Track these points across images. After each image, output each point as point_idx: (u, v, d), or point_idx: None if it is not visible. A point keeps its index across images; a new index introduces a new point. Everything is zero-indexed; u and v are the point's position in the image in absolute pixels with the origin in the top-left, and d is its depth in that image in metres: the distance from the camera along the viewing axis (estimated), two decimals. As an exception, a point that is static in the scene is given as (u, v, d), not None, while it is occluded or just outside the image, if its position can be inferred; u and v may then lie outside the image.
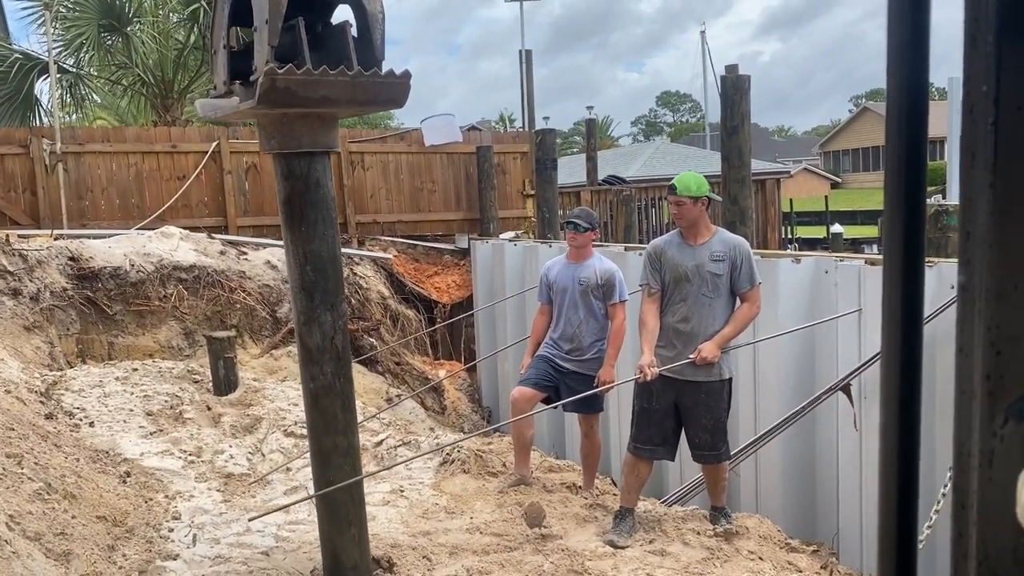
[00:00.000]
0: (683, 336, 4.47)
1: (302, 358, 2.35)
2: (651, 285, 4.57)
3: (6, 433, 4.29)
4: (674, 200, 4.50)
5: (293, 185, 2.14)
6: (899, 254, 0.80)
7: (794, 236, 25.77)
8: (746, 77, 7.70)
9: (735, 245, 4.53)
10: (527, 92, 16.76)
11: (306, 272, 2.23)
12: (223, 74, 2.10)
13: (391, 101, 2.09)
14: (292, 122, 2.03)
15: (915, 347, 0.83)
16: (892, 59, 0.77)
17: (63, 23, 12.37)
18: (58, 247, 8.13)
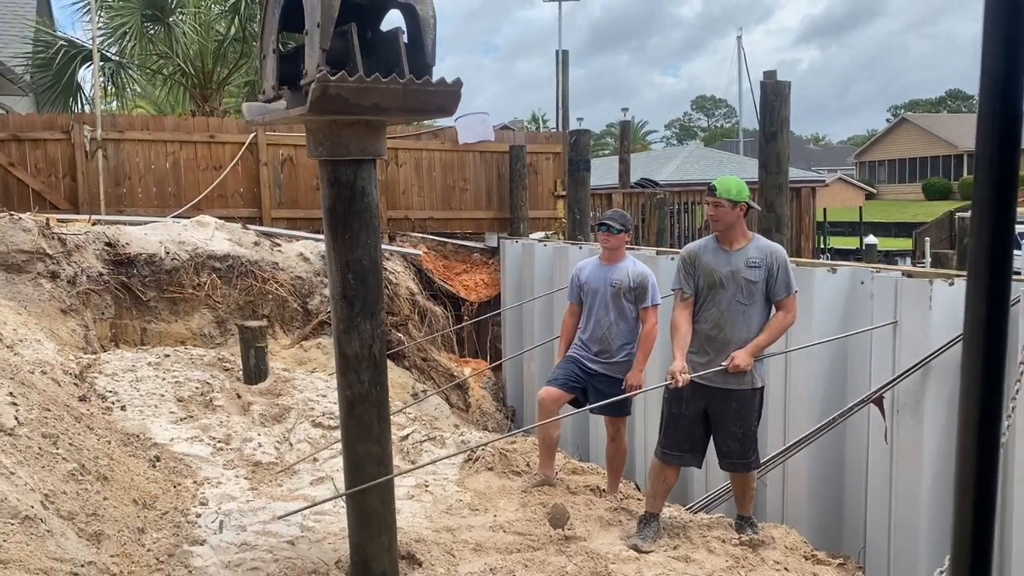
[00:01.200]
0: (716, 343, 4.42)
1: (339, 365, 2.35)
2: (684, 290, 4.51)
3: (42, 413, 4.36)
4: (712, 201, 4.42)
5: (339, 193, 2.13)
6: (984, 267, 0.77)
7: (827, 246, 25.50)
8: (786, 83, 7.62)
9: (772, 252, 4.45)
10: (562, 92, 16.73)
11: (348, 280, 2.22)
12: (272, 79, 2.10)
13: (441, 109, 2.08)
14: (341, 129, 2.02)
15: (998, 365, 0.80)
16: (987, 62, 0.74)
17: (108, 12, 12.57)
18: (96, 232, 8.26)
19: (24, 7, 17.91)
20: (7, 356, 5.40)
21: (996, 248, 0.75)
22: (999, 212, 0.74)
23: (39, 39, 13.44)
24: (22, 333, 6.02)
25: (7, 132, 10.11)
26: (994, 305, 0.76)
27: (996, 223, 0.75)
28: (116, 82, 13.53)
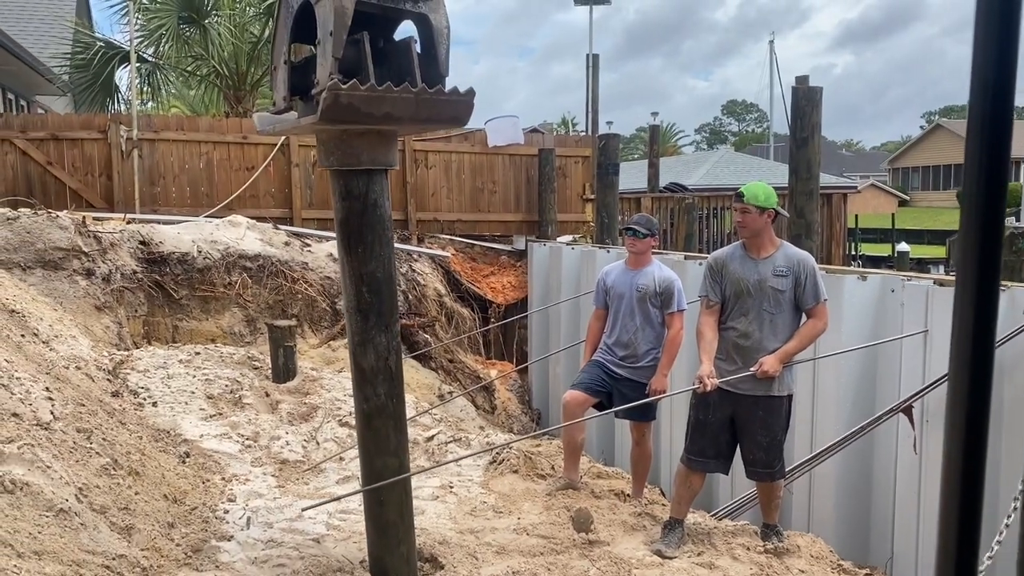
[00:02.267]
0: (743, 351, 4.39)
1: (355, 379, 2.34)
2: (710, 298, 4.48)
3: (77, 408, 4.45)
4: (740, 207, 4.39)
5: (351, 206, 2.12)
6: (973, 275, 0.78)
7: (858, 253, 25.21)
8: (818, 89, 7.57)
9: (800, 260, 4.41)
10: (592, 96, 16.72)
11: (362, 294, 2.21)
12: (283, 89, 2.10)
13: (454, 120, 2.06)
14: (352, 139, 2.01)
15: (985, 372, 0.81)
16: (976, 76, 0.75)
17: (145, 14, 12.78)
18: (130, 231, 8.40)
19: (63, 9, 18.27)
20: (43, 351, 5.52)
21: (984, 258, 0.76)
22: (985, 230, 0.75)
23: (78, 40, 13.70)
24: (58, 329, 6.14)
25: (46, 131, 10.32)
26: (982, 313, 0.77)
27: (983, 240, 0.76)
28: (152, 83, 13.75)
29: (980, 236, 0.77)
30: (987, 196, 0.77)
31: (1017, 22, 0.73)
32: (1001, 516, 4.22)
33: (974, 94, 0.76)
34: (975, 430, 0.80)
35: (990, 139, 0.76)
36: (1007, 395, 4.63)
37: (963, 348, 0.79)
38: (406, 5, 1.91)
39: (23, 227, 7.26)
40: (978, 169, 0.77)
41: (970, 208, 0.78)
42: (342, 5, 1.81)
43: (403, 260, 10.70)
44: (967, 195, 0.78)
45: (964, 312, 0.78)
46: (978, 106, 0.76)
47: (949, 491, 0.82)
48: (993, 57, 0.74)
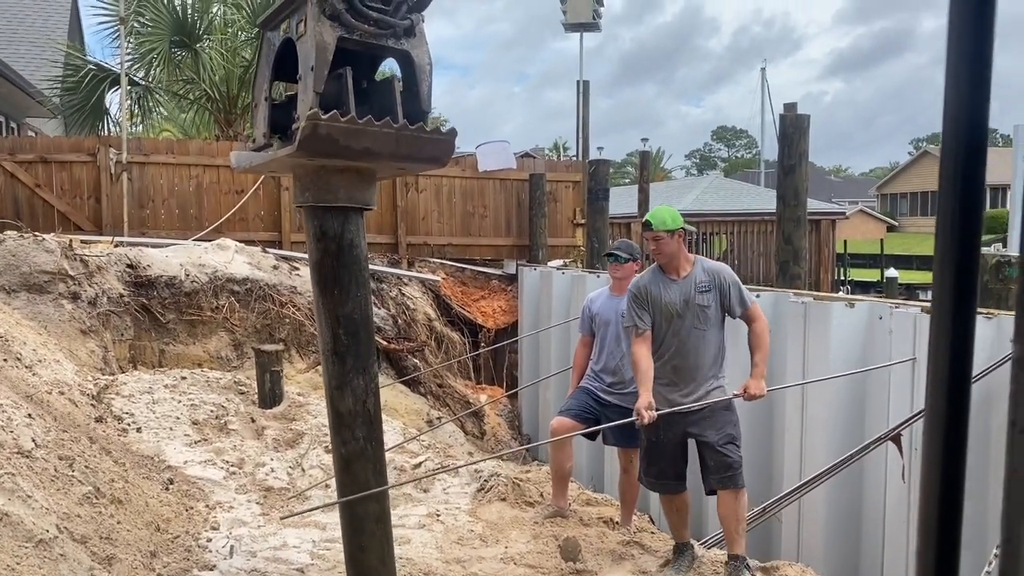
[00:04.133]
0: (682, 371, 4.42)
1: (333, 423, 2.30)
2: (638, 326, 4.46)
3: (60, 435, 4.39)
4: (651, 236, 4.43)
5: (326, 247, 2.08)
6: (949, 302, 0.77)
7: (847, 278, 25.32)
8: (805, 116, 7.62)
9: (717, 272, 4.46)
10: (583, 122, 16.82)
11: (339, 336, 2.17)
12: (263, 126, 2.07)
13: (433, 159, 2.03)
14: (330, 175, 1.98)
15: (961, 403, 0.80)
16: (949, 102, 0.75)
17: (137, 38, 12.80)
18: (118, 254, 8.36)
19: (56, 31, 18.30)
20: (26, 376, 5.46)
21: (960, 284, 0.76)
22: (960, 257, 0.75)
23: (69, 63, 13.70)
24: (41, 353, 6.08)
25: (35, 154, 10.30)
26: (959, 337, 0.76)
27: (958, 267, 0.75)
28: (143, 106, 13.75)
29: (955, 261, 0.76)
30: (962, 223, 0.76)
31: (989, 47, 0.73)
32: (988, 552, 4.20)
33: (947, 121, 0.76)
34: (952, 466, 0.79)
35: (964, 164, 0.76)
36: (994, 424, 4.63)
37: (939, 379, 0.78)
38: (388, 42, 1.91)
39: (8, 250, 7.22)
40: (952, 196, 0.76)
41: (945, 235, 0.77)
42: (324, 40, 1.80)
43: (393, 284, 10.68)
44: (941, 222, 0.78)
45: (939, 341, 0.78)
46: (952, 133, 0.76)
47: (927, 527, 0.81)
48: (966, 83, 0.74)
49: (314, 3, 1.81)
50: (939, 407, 0.78)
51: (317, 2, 1.81)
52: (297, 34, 1.89)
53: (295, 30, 1.91)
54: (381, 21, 1.85)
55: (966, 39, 0.74)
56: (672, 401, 4.41)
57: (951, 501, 0.81)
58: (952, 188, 0.76)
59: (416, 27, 1.94)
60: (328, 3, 1.79)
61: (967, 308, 0.76)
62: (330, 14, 1.80)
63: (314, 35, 1.80)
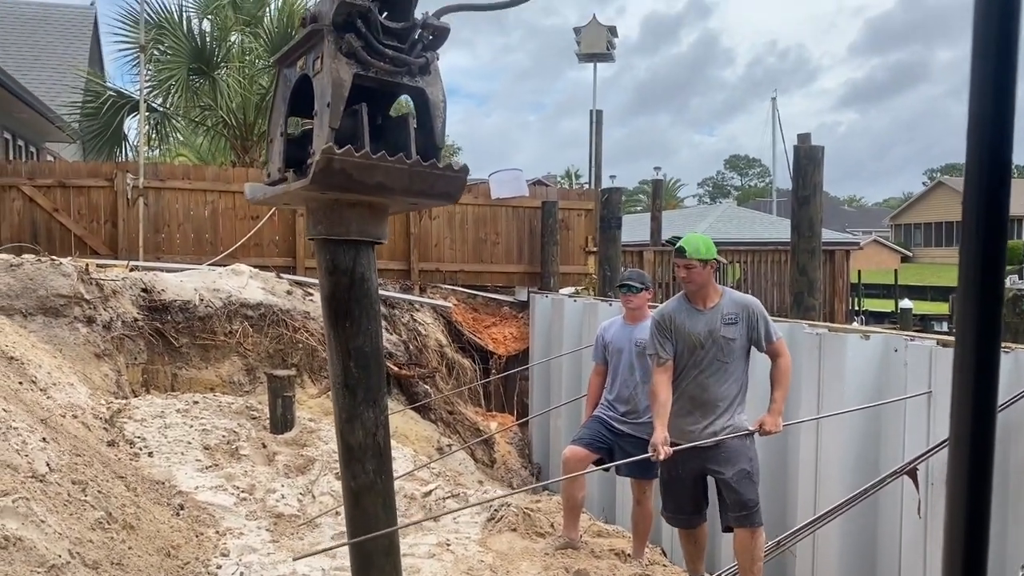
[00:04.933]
0: (701, 403, 4.36)
1: (343, 456, 2.28)
2: (660, 355, 4.41)
3: (73, 459, 4.40)
4: (683, 263, 4.36)
5: (338, 281, 2.10)
6: (973, 335, 0.77)
7: (862, 309, 25.20)
8: (819, 148, 7.63)
9: (746, 305, 4.40)
10: (595, 150, 16.91)
11: (349, 369, 2.17)
12: (278, 161, 2.10)
13: (445, 195, 2.04)
14: (343, 209, 2.00)
15: (987, 437, 0.79)
16: (972, 132, 0.75)
17: (156, 65, 12.99)
18: (133, 278, 8.41)
19: (77, 58, 18.59)
20: (41, 399, 5.48)
21: (984, 317, 0.75)
22: (985, 289, 0.75)
23: (89, 89, 13.90)
24: (56, 376, 6.11)
25: (53, 178, 10.42)
26: (984, 370, 0.75)
27: (983, 300, 0.75)
28: (160, 132, 13.91)
29: (979, 296, 0.76)
30: (985, 256, 0.76)
31: (1013, 79, 0.74)
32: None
33: (971, 152, 0.76)
34: (977, 499, 0.78)
35: (987, 197, 0.76)
36: (1013, 459, 4.57)
37: (963, 413, 0.77)
38: (404, 79, 1.93)
39: (26, 274, 7.28)
40: (976, 228, 0.76)
41: (968, 269, 0.77)
42: (340, 77, 1.82)
43: (405, 310, 10.70)
44: (964, 255, 0.77)
45: (964, 375, 0.77)
46: (975, 165, 0.76)
47: (952, 560, 0.80)
48: (990, 115, 0.74)
49: (331, 41, 1.83)
50: (964, 439, 0.77)
51: (334, 40, 1.83)
52: (314, 71, 1.92)
53: (311, 67, 1.94)
54: (397, 59, 1.88)
55: (989, 70, 0.74)
56: (688, 432, 4.37)
57: (976, 535, 0.80)
58: (976, 221, 0.75)
59: (431, 65, 1.97)
60: (345, 41, 1.82)
61: (992, 341, 0.75)
62: (347, 51, 1.83)
63: (330, 72, 1.83)
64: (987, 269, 0.76)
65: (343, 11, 1.82)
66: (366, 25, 1.84)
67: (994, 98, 0.74)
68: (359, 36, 1.83)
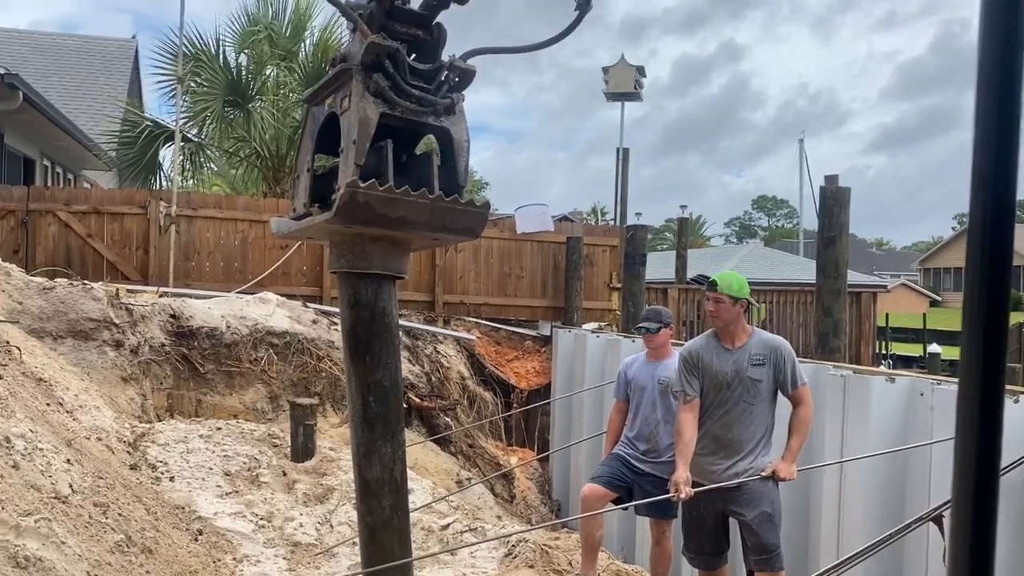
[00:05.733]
0: (724, 444, 4.32)
1: (359, 491, 2.28)
2: (688, 392, 4.38)
3: (95, 481, 4.45)
4: (713, 296, 4.35)
5: (359, 315, 2.12)
6: (976, 386, 0.77)
7: (889, 352, 24.88)
8: (846, 189, 7.62)
9: (776, 347, 4.36)
10: (621, 187, 16.98)
11: (368, 403, 2.18)
12: (304, 196, 2.14)
13: (467, 231, 2.06)
14: (365, 243, 2.03)
15: (990, 494, 0.78)
16: (976, 182, 0.76)
17: (192, 96, 13.28)
18: (161, 304, 8.54)
19: (117, 89, 19.07)
20: (67, 421, 5.56)
21: (988, 367, 0.76)
22: (988, 343, 0.75)
23: (127, 119, 14.24)
24: (82, 399, 6.20)
25: (89, 205, 10.65)
26: (987, 426, 0.75)
27: (986, 352, 0.75)
28: (195, 161, 14.19)
29: (983, 350, 0.76)
30: (989, 311, 0.76)
31: (1017, 124, 0.75)
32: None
33: (974, 200, 0.77)
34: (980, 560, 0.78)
35: (991, 247, 0.76)
36: None
37: (965, 468, 0.77)
38: (429, 119, 1.97)
39: (58, 297, 7.42)
40: (979, 277, 0.77)
41: (972, 313, 0.77)
42: (367, 116, 1.86)
43: (428, 341, 10.73)
44: (967, 310, 0.78)
45: (966, 433, 0.77)
46: (978, 215, 0.77)
47: None
48: (993, 161, 0.76)
49: (359, 80, 1.87)
50: (965, 500, 0.77)
51: (362, 79, 1.87)
52: (341, 109, 1.97)
53: (339, 105, 1.98)
54: (423, 99, 1.92)
55: (993, 116, 0.76)
56: (709, 472, 4.34)
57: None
58: (979, 269, 0.76)
59: (456, 105, 2.01)
60: (372, 81, 1.86)
61: (994, 392, 0.76)
62: (374, 91, 1.87)
63: (357, 110, 1.87)
64: (990, 325, 0.76)
65: (372, 52, 1.86)
66: (394, 66, 1.88)
67: (998, 145, 0.75)
68: (387, 76, 1.87)
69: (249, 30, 13.72)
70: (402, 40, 1.93)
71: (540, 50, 2.14)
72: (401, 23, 1.95)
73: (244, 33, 13.76)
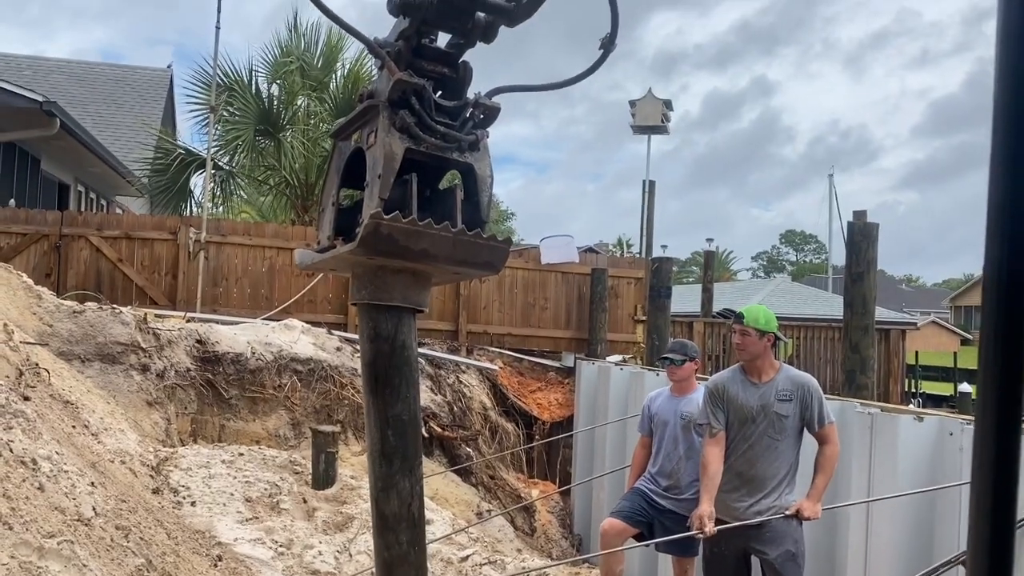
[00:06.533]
0: (748, 480, 4.26)
1: (376, 526, 2.27)
2: (713, 425, 4.34)
3: (118, 504, 4.47)
4: (739, 329, 4.32)
5: (379, 347, 2.12)
6: (992, 429, 0.75)
7: (918, 391, 24.48)
8: (874, 225, 7.56)
9: (803, 384, 4.31)
10: (647, 219, 16.98)
11: (387, 437, 2.18)
12: (328, 229, 2.16)
13: (488, 265, 2.07)
14: (387, 275, 2.04)
15: (1006, 547, 0.76)
16: (992, 217, 0.76)
17: (224, 125, 13.52)
18: (188, 329, 8.63)
19: (151, 117, 19.46)
20: (92, 444, 5.61)
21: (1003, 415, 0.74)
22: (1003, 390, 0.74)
23: (160, 147, 14.51)
24: (108, 422, 6.26)
25: (120, 230, 10.83)
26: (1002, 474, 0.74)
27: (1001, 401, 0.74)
28: (225, 189, 14.41)
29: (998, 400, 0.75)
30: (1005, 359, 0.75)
31: None
32: None
33: (991, 236, 0.76)
34: None
35: (1007, 294, 0.76)
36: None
37: (982, 518, 0.76)
38: (453, 155, 1.99)
39: (87, 320, 7.52)
40: (995, 323, 0.76)
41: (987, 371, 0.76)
42: (392, 151, 1.88)
43: (451, 371, 10.73)
44: (983, 357, 0.76)
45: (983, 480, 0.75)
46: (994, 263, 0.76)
47: None
48: (1011, 197, 0.75)
49: (385, 116, 1.90)
50: (982, 552, 0.75)
51: (388, 115, 1.90)
52: (367, 144, 1.99)
53: (366, 140, 2.01)
54: (448, 135, 1.94)
55: (1010, 152, 0.75)
56: (732, 509, 4.29)
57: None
58: (995, 313, 0.76)
59: (480, 142, 2.03)
60: (399, 116, 1.88)
61: (1012, 431, 0.75)
62: (400, 127, 1.89)
63: (383, 145, 1.89)
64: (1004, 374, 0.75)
65: (399, 88, 1.89)
66: (420, 102, 1.91)
67: (1014, 184, 0.75)
68: (412, 113, 1.90)
69: (281, 61, 13.96)
70: (429, 77, 1.96)
71: (564, 87, 2.16)
72: (428, 61, 1.98)
73: (277, 64, 14.01)
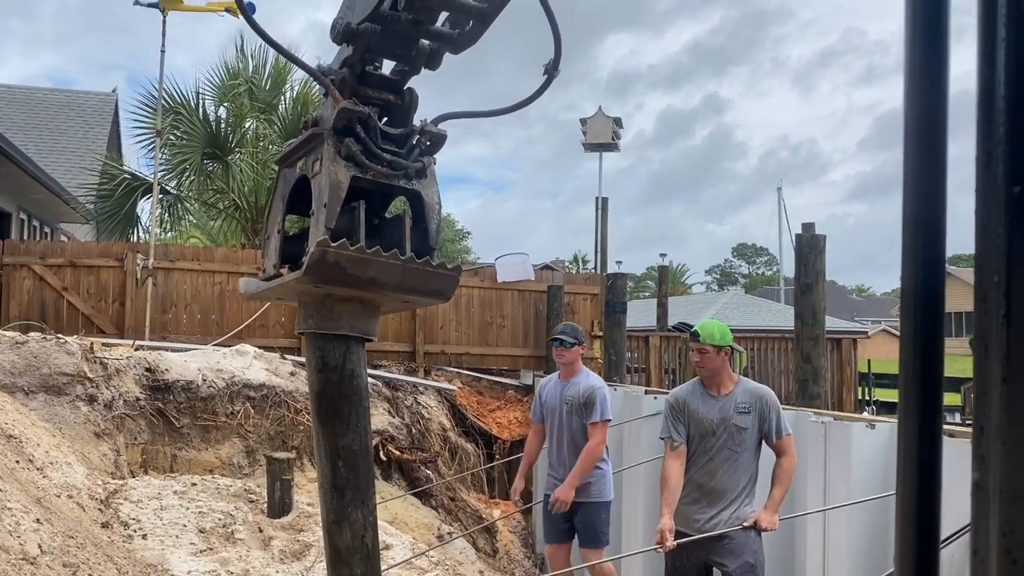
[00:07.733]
0: (708, 492, 4.31)
1: (330, 559, 2.23)
2: (674, 439, 4.38)
3: (65, 541, 4.33)
4: (696, 347, 4.38)
5: (327, 378, 2.09)
6: (915, 458, 0.75)
7: (872, 399, 24.96)
8: (821, 236, 7.70)
9: (761, 396, 4.38)
10: (601, 236, 17.11)
11: (338, 469, 2.14)
12: (274, 257, 2.12)
13: (437, 293, 2.06)
14: (335, 303, 2.01)
15: (931, 563, 0.76)
16: (907, 239, 0.77)
17: (171, 149, 13.32)
18: (137, 357, 8.42)
19: (96, 142, 19.11)
20: (37, 479, 5.42)
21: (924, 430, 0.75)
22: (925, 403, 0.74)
23: (106, 172, 14.24)
24: (53, 456, 6.06)
25: (64, 258, 10.57)
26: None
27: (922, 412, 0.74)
28: (173, 213, 14.17)
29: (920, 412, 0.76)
30: (924, 369, 0.76)
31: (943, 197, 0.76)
32: None
33: (906, 268, 0.77)
34: None
35: (924, 307, 0.77)
36: None
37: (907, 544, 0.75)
38: (400, 182, 1.97)
39: (30, 352, 7.30)
40: (914, 339, 0.76)
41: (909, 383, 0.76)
42: (338, 180, 1.86)
43: (408, 392, 10.64)
44: (903, 364, 0.77)
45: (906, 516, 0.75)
46: (911, 276, 0.77)
47: None
48: (924, 223, 0.76)
49: (331, 144, 1.88)
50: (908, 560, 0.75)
51: (333, 143, 1.88)
52: (312, 172, 1.97)
53: (311, 168, 1.98)
54: (394, 163, 1.93)
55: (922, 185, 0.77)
56: (693, 521, 4.31)
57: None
58: (914, 327, 0.77)
59: (428, 168, 2.02)
60: (344, 145, 1.87)
61: (932, 427, 0.75)
62: (346, 155, 1.87)
63: (329, 173, 1.86)
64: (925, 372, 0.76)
65: (344, 116, 1.87)
66: (365, 130, 1.89)
67: (928, 203, 0.76)
68: (358, 141, 1.88)
69: (229, 83, 13.82)
70: (374, 104, 1.94)
71: (511, 113, 2.16)
72: (373, 88, 1.96)
73: (224, 86, 13.86)
